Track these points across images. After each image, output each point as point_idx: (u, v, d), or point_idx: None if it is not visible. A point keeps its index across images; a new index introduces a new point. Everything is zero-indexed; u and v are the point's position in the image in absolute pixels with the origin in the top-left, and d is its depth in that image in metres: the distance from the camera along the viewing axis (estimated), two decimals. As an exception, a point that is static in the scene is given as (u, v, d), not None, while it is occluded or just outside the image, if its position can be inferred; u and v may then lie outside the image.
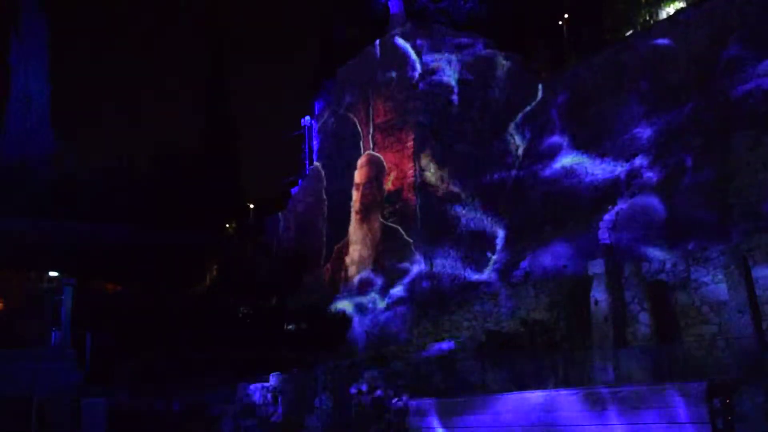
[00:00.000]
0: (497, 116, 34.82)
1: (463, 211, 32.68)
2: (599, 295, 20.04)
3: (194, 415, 22.87)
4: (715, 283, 18.66)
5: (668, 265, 19.96)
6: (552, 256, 28.05)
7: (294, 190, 41.85)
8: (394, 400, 21.09)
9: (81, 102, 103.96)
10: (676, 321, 19.26)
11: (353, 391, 21.67)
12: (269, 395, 23.35)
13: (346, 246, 35.89)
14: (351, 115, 36.90)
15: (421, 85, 33.30)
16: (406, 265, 31.51)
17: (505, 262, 30.66)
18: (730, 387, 14.06)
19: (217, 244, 46.59)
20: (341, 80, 38.02)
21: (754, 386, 13.68)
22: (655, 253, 23.53)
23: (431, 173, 32.60)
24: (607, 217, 27.38)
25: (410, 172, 32.69)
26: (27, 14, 55.65)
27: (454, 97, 33.96)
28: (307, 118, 42.74)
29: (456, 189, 32.85)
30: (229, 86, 63.40)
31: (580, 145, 32.10)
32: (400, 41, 34.27)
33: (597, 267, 20.50)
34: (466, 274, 31.44)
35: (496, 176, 33.87)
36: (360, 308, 32.31)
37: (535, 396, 16.56)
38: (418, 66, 33.54)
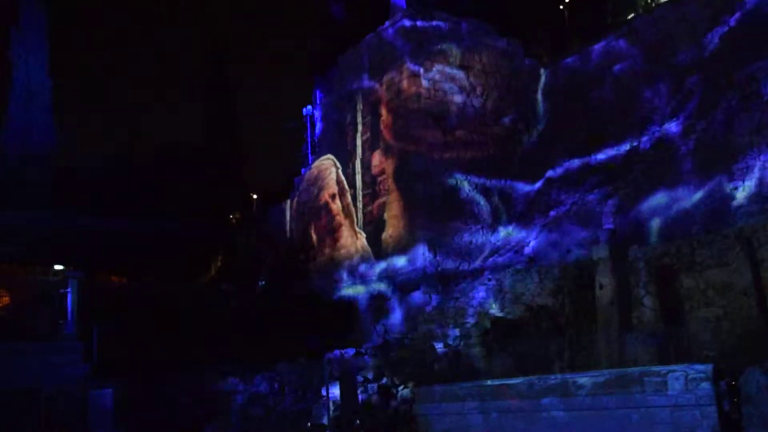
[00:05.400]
0: (499, 101, 34.78)
1: (467, 197, 32.67)
2: (604, 279, 20.02)
3: (201, 405, 22.96)
4: (720, 266, 18.61)
5: (672, 249, 19.92)
6: (557, 241, 28.04)
7: (297, 180, 41.85)
8: (400, 388, 21.16)
9: (82, 95, 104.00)
10: (681, 304, 19.24)
11: (360, 379, 21.74)
12: (276, 384, 23.42)
13: (351, 234, 35.92)
14: (352, 104, 36.86)
15: (422, 71, 33.22)
16: (410, 251, 31.53)
17: (510, 248, 30.66)
18: (736, 369, 14.06)
19: (221, 235, 46.68)
20: (342, 68, 37.94)
21: (760, 368, 13.67)
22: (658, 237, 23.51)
23: (434, 159, 32.58)
24: (610, 201, 27.35)
25: (413, 158, 32.65)
26: (27, 8, 55.57)
27: (456, 83, 33.88)
28: (309, 107, 42.68)
29: (459, 175, 32.84)
30: (230, 76, 63.42)
31: (582, 129, 32.04)
32: (401, 28, 34.16)
33: (601, 251, 20.46)
34: (471, 260, 31.46)
35: (499, 161, 33.88)
36: (365, 296, 32.35)
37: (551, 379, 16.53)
38: (419, 52, 33.44)
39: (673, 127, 27.66)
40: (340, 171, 36.60)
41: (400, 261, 31.86)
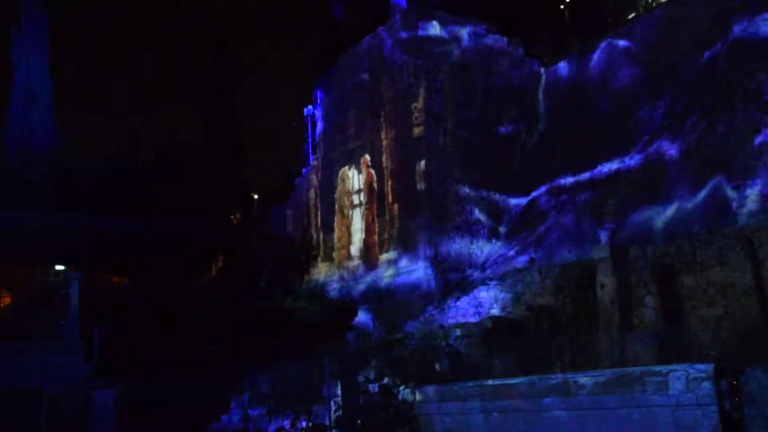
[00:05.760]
0: (500, 102, 34.76)
1: (468, 198, 32.66)
2: (605, 278, 20.01)
3: (202, 405, 22.97)
4: (721, 265, 18.59)
5: (673, 248, 19.91)
6: (558, 241, 28.03)
7: (298, 180, 41.88)
8: (401, 388, 21.12)
9: (82, 95, 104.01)
10: (682, 304, 19.23)
11: (361, 379, 21.71)
12: (278, 384, 23.41)
13: (352, 234, 35.94)
14: (352, 104, 36.84)
15: (423, 71, 33.20)
16: (411, 252, 31.53)
17: (511, 248, 30.65)
18: (738, 369, 14.04)
19: (222, 235, 46.70)
20: (342, 68, 37.94)
21: (761, 368, 13.65)
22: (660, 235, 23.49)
23: (435, 160, 32.57)
24: (611, 201, 27.35)
25: (414, 159, 32.64)
26: (27, 9, 55.61)
27: (457, 84, 33.86)
28: (310, 107, 42.71)
29: (460, 176, 32.83)
30: (230, 76, 63.41)
31: (582, 130, 32.02)
32: (402, 28, 34.15)
33: (602, 251, 20.45)
34: (472, 261, 31.45)
35: (501, 162, 33.86)
36: (366, 296, 32.36)
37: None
38: (420, 52, 33.43)
39: (673, 127, 27.64)
40: (340, 174, 36.66)
41: (401, 261, 31.86)
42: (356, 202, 36.25)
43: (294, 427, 21.44)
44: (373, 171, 34.89)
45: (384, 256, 33.01)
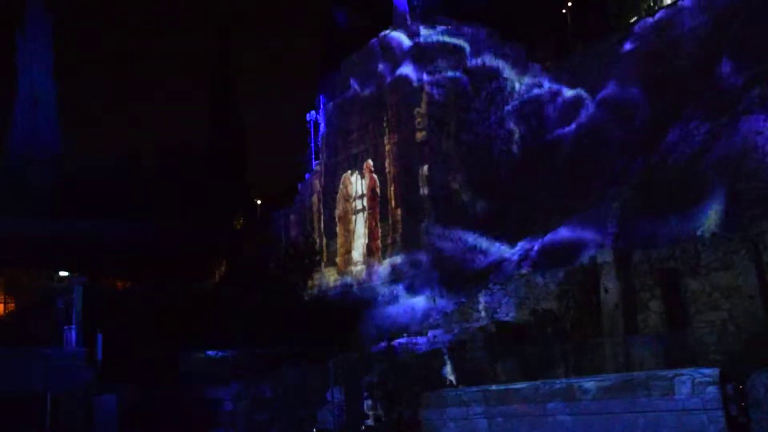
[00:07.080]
0: (502, 105, 34.76)
1: (471, 201, 32.63)
2: (609, 283, 19.94)
3: (207, 410, 22.95)
4: (725, 269, 18.52)
5: (677, 251, 19.83)
6: (561, 245, 27.96)
7: (301, 185, 41.87)
8: (404, 392, 21.09)
9: (87, 100, 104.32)
10: (686, 307, 19.16)
11: (364, 383, 21.68)
12: (281, 389, 23.38)
13: (355, 239, 35.92)
14: (355, 108, 36.87)
15: (425, 75, 33.22)
16: (414, 256, 31.48)
17: (514, 252, 30.59)
18: (743, 373, 13.97)
19: (225, 240, 46.71)
20: (345, 73, 37.99)
21: (767, 371, 13.59)
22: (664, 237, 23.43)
23: (438, 165, 32.56)
24: (614, 204, 27.30)
25: (417, 163, 32.62)
26: (32, 15, 55.78)
27: (459, 87, 33.87)
28: (312, 112, 42.76)
29: (463, 178, 32.81)
30: (234, 82, 63.57)
31: (583, 134, 32.01)
32: (404, 33, 34.18)
33: (606, 255, 20.39)
34: (475, 265, 31.39)
35: (503, 164, 33.84)
36: (370, 301, 32.32)
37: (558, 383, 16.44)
38: (422, 57, 33.45)
39: (677, 128, 27.61)
40: (343, 179, 36.66)
41: (405, 265, 31.82)
42: (359, 206, 36.25)
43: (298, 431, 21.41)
44: (375, 176, 34.89)
45: (387, 261, 32.97)
